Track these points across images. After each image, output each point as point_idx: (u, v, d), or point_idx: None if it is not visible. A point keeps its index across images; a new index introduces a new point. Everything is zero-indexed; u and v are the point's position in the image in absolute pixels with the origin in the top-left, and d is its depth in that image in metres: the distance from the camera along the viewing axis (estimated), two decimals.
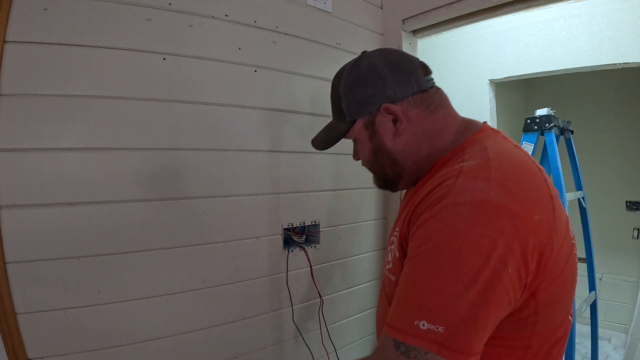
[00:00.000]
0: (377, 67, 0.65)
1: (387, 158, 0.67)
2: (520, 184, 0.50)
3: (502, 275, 0.44)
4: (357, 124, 0.68)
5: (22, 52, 0.81)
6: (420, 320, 0.44)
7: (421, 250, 0.49)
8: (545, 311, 0.51)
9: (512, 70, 2.29)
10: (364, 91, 0.66)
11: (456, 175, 0.52)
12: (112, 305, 0.92)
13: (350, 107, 0.68)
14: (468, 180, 0.50)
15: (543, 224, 0.48)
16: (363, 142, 0.70)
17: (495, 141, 0.59)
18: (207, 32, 1.04)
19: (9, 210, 0.81)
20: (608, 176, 2.85)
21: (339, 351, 1.35)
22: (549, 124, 1.84)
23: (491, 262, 0.44)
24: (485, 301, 0.44)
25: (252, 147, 1.13)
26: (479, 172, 0.51)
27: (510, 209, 0.47)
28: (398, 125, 0.64)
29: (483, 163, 0.52)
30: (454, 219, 0.48)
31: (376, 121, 0.66)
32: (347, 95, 0.68)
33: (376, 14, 1.48)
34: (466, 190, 0.49)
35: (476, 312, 0.44)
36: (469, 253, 0.45)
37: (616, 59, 1.89)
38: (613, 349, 2.59)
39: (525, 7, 1.19)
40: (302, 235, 1.26)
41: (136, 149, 0.94)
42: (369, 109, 0.66)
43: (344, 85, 0.68)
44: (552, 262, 0.49)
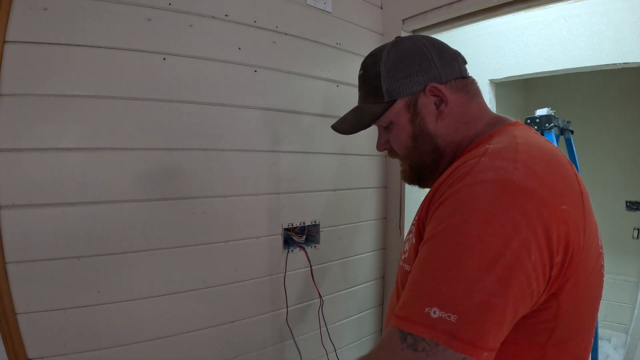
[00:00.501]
0: (421, 47, 0.61)
1: (428, 143, 0.62)
2: (549, 172, 0.46)
3: (525, 261, 0.40)
4: (397, 105, 0.62)
5: (22, 52, 0.81)
6: (431, 307, 0.40)
7: (437, 231, 0.45)
8: (566, 318, 0.47)
9: (512, 70, 2.29)
10: (408, 69, 0.60)
11: (480, 155, 0.48)
12: (112, 305, 0.92)
13: (391, 85, 0.61)
14: (493, 159, 0.46)
15: (571, 216, 0.44)
16: (401, 126, 0.63)
17: (526, 132, 0.55)
18: (207, 32, 1.04)
19: (9, 210, 0.81)
20: (608, 176, 2.84)
21: (339, 351, 1.35)
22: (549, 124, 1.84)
23: (513, 245, 0.40)
24: (505, 290, 0.40)
25: (252, 147, 1.13)
26: (505, 153, 0.47)
27: (536, 192, 0.43)
28: (442, 107, 0.60)
29: (510, 146, 0.48)
30: (474, 198, 0.44)
31: (419, 102, 0.61)
32: (389, 73, 0.61)
33: (376, 14, 1.48)
34: (489, 169, 0.45)
35: (494, 301, 0.39)
36: (488, 235, 0.41)
37: (616, 59, 1.89)
38: (613, 349, 2.59)
39: (525, 7, 1.19)
40: (302, 235, 1.26)
41: (136, 149, 0.94)
42: (413, 88, 0.61)
43: (385, 62, 0.62)
44: (581, 259, 0.45)
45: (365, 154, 1.44)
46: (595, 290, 0.51)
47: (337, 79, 1.34)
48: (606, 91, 2.85)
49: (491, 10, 1.24)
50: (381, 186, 1.53)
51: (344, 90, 1.35)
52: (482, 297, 0.39)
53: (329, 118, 1.30)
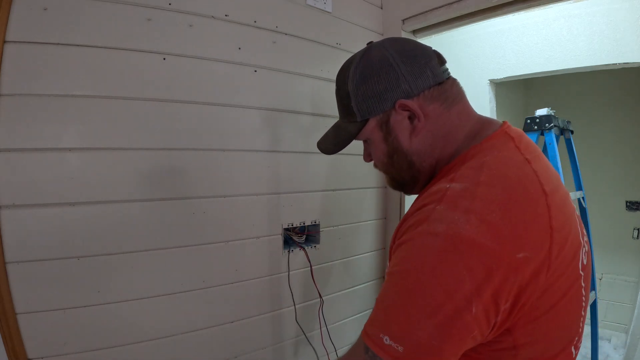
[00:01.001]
0: (388, 59, 0.57)
1: (403, 160, 0.61)
2: (507, 217, 0.45)
3: (464, 314, 0.43)
4: (370, 124, 0.61)
5: (22, 52, 0.81)
6: (384, 335, 0.46)
7: (395, 270, 0.49)
8: (527, 347, 0.49)
9: (512, 70, 2.29)
10: (375, 87, 0.58)
11: (438, 200, 0.49)
12: (112, 305, 0.93)
13: (361, 105, 0.60)
14: (447, 209, 0.47)
15: (528, 262, 0.44)
16: (377, 144, 0.62)
17: (499, 155, 0.52)
18: (207, 32, 1.03)
19: (9, 210, 0.81)
20: (608, 176, 2.85)
21: (339, 351, 1.35)
22: (549, 124, 1.84)
23: (454, 300, 0.43)
24: (443, 335, 0.43)
25: (252, 147, 1.13)
26: (460, 201, 0.47)
27: (486, 246, 0.43)
28: (415, 122, 0.58)
29: (469, 189, 0.48)
30: (425, 250, 0.46)
31: (391, 119, 0.59)
32: (357, 93, 0.60)
33: (376, 14, 1.48)
34: (442, 221, 0.46)
35: (433, 343, 0.43)
36: (433, 286, 0.44)
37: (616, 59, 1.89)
38: (613, 349, 2.59)
39: (525, 7, 1.19)
40: (302, 235, 1.26)
41: (136, 149, 0.94)
42: (383, 106, 0.58)
43: (352, 80, 0.60)
44: (535, 301, 0.46)
45: None
46: (564, 313, 0.51)
47: None
48: (606, 91, 2.85)
49: (491, 10, 1.24)
50: (381, 186, 1.53)
51: None
52: (423, 337, 0.44)
53: (329, 118, 1.30)
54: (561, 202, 0.51)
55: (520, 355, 0.49)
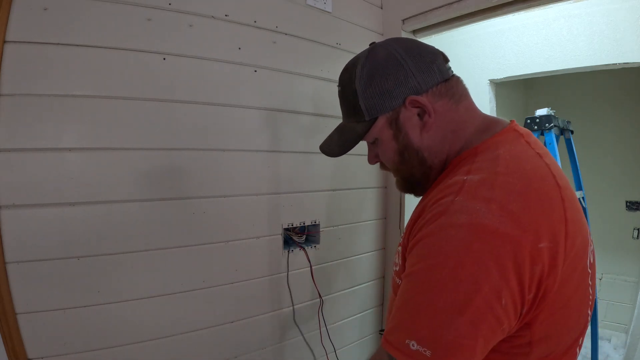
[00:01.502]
0: (395, 56, 0.57)
1: (414, 157, 0.60)
2: (527, 207, 0.45)
3: (495, 306, 0.42)
4: (379, 122, 0.60)
5: (22, 52, 0.81)
6: (410, 340, 0.44)
7: (415, 270, 0.47)
8: (541, 342, 0.48)
9: (512, 70, 2.29)
10: (384, 84, 0.57)
11: (457, 191, 0.48)
12: (112, 305, 0.92)
13: (369, 103, 0.59)
14: (467, 200, 0.46)
15: (547, 252, 0.44)
16: (386, 142, 0.61)
17: (512, 148, 0.52)
18: (207, 32, 1.03)
19: (9, 210, 0.81)
20: (608, 176, 2.85)
21: (339, 351, 1.35)
22: (549, 124, 1.84)
23: (483, 291, 0.42)
24: (475, 331, 0.42)
25: (252, 147, 1.13)
26: (480, 191, 0.46)
27: (509, 235, 0.43)
28: (425, 118, 0.57)
29: (487, 179, 0.47)
30: (447, 242, 0.45)
31: (401, 116, 0.58)
32: (366, 90, 0.59)
33: (376, 14, 1.48)
34: (463, 211, 0.45)
35: (464, 342, 0.42)
36: (460, 280, 0.43)
37: (616, 59, 1.89)
38: (613, 349, 2.59)
39: (525, 7, 1.19)
40: (302, 235, 1.26)
41: (136, 149, 0.94)
42: (392, 103, 0.58)
43: (360, 79, 0.59)
44: (554, 293, 0.45)
45: (365, 154, 1.44)
46: (576, 310, 0.51)
47: (337, 79, 1.33)
48: (606, 91, 2.85)
49: (491, 10, 1.24)
50: (381, 186, 1.53)
51: None
52: (452, 337, 0.42)
53: (329, 118, 1.30)
54: (572, 197, 0.51)
55: (534, 352, 0.48)
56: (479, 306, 0.42)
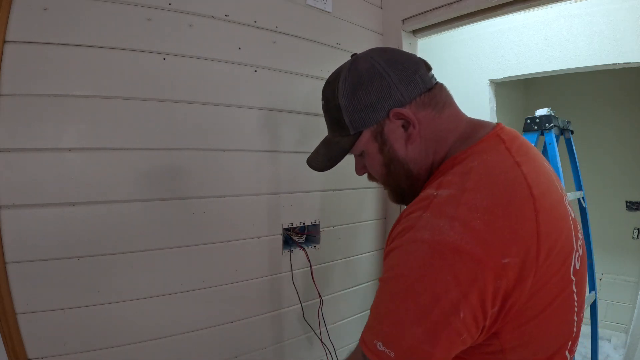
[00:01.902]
0: (377, 68, 0.57)
1: (401, 169, 0.60)
2: (491, 223, 0.45)
3: (452, 319, 0.44)
4: (364, 136, 0.60)
5: (22, 52, 0.81)
6: (378, 341, 0.47)
7: (385, 277, 0.51)
8: (515, 350, 0.49)
9: (512, 70, 2.30)
10: (367, 97, 0.57)
11: (425, 207, 0.50)
12: (112, 305, 0.92)
13: (353, 118, 0.59)
14: (433, 217, 0.48)
15: (513, 267, 0.44)
16: (372, 155, 0.62)
17: (489, 159, 0.52)
18: (207, 32, 1.03)
19: (9, 210, 0.81)
20: (608, 176, 2.85)
21: (339, 351, 1.35)
22: (549, 124, 1.84)
23: (441, 305, 0.44)
24: (433, 340, 0.44)
25: (252, 147, 1.13)
26: (445, 208, 0.48)
27: (470, 252, 0.44)
28: (410, 129, 0.57)
29: (454, 195, 0.48)
30: (411, 256, 0.48)
31: (385, 129, 0.58)
32: (349, 105, 0.59)
33: (376, 14, 1.48)
34: (427, 228, 0.47)
35: (422, 347, 0.45)
36: (420, 292, 0.45)
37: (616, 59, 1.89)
38: (613, 349, 2.59)
39: (525, 7, 1.19)
40: (302, 235, 1.26)
41: (136, 149, 0.94)
42: (376, 116, 0.58)
43: (343, 93, 0.59)
44: (522, 305, 0.46)
45: None
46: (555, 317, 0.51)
47: None
48: (606, 91, 2.85)
49: (491, 10, 1.24)
50: (381, 186, 1.53)
51: None
52: (412, 343, 0.45)
53: None
54: (551, 206, 0.51)
55: (508, 359, 0.50)
56: (436, 318, 0.44)
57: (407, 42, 1.47)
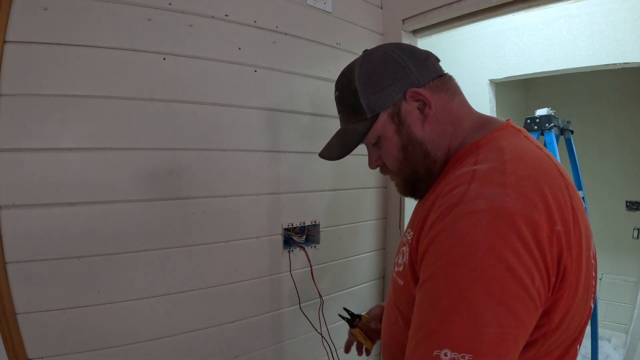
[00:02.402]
0: (391, 54, 0.59)
1: (418, 150, 0.59)
2: (540, 192, 0.44)
3: (530, 289, 0.40)
4: (381, 118, 0.60)
5: (22, 52, 0.81)
6: (441, 350, 0.39)
7: (437, 268, 0.44)
8: (554, 334, 0.46)
9: (512, 70, 2.30)
10: (384, 80, 0.58)
11: (468, 180, 0.46)
12: (112, 305, 0.92)
13: (370, 100, 0.59)
14: (482, 186, 0.45)
15: (563, 235, 0.43)
16: (389, 138, 0.61)
17: (514, 141, 0.52)
18: (207, 32, 1.03)
19: (9, 210, 0.81)
20: (608, 176, 2.85)
21: (339, 351, 1.35)
22: (549, 124, 1.84)
23: (518, 274, 0.39)
24: (516, 319, 0.39)
25: (252, 147, 1.13)
26: (493, 177, 0.45)
27: (530, 217, 0.42)
28: (426, 110, 0.58)
29: (498, 167, 0.47)
30: (471, 229, 0.42)
31: (402, 110, 0.59)
32: (366, 88, 0.59)
33: (376, 14, 1.48)
34: (480, 198, 0.43)
35: (506, 332, 0.39)
36: (493, 266, 0.40)
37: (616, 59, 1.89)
38: (613, 349, 2.59)
39: (525, 7, 1.19)
40: (302, 235, 1.26)
41: (136, 149, 0.94)
42: (393, 98, 0.58)
43: (359, 78, 0.60)
44: (571, 277, 0.44)
45: (365, 154, 1.44)
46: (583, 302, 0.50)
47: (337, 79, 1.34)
48: (606, 91, 2.85)
49: (491, 10, 1.24)
50: (381, 186, 1.53)
51: None
52: (495, 330, 0.38)
53: (329, 118, 1.30)
54: (574, 186, 0.51)
55: (545, 344, 0.47)
56: (516, 291, 0.39)
57: (407, 42, 1.47)
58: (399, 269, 0.59)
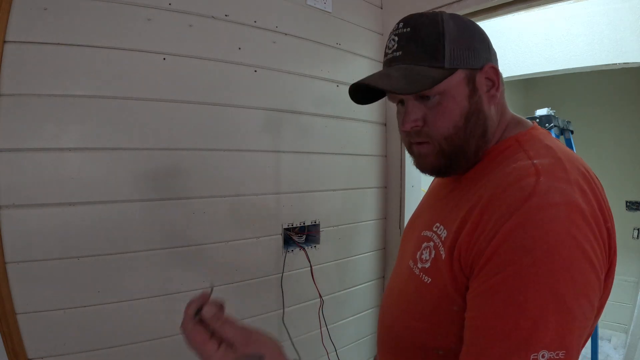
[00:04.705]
0: (479, 28, 0.58)
1: (481, 125, 0.56)
2: (593, 190, 0.46)
3: (601, 279, 0.42)
4: (457, 76, 0.54)
5: (22, 52, 0.81)
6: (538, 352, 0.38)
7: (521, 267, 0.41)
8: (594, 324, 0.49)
9: (513, 70, 2.29)
10: (472, 41, 0.55)
11: (535, 173, 0.45)
12: (112, 305, 0.92)
13: (456, 51, 0.54)
14: (552, 180, 0.44)
15: (613, 232, 0.46)
16: (458, 100, 0.54)
17: (555, 141, 0.54)
18: (207, 32, 1.03)
19: (9, 210, 0.81)
20: (608, 176, 2.84)
21: (339, 351, 1.35)
22: (549, 124, 1.85)
23: (595, 266, 0.41)
24: (592, 309, 0.41)
25: (252, 147, 1.13)
26: (558, 173, 0.45)
27: (594, 213, 0.43)
28: (492, 92, 0.56)
29: (558, 164, 0.47)
30: (554, 222, 0.41)
31: (477, 79, 0.55)
32: (456, 36, 0.54)
33: (376, 14, 1.48)
34: (553, 191, 0.43)
35: (587, 323, 0.40)
36: (578, 259, 0.40)
37: (616, 59, 1.89)
38: (613, 349, 2.59)
39: (525, 7, 1.19)
40: (302, 235, 1.26)
41: (136, 149, 0.94)
42: (474, 62, 0.55)
43: (448, 25, 0.54)
44: (612, 273, 0.47)
45: (365, 154, 1.44)
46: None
47: (337, 79, 1.34)
48: (606, 91, 2.85)
49: (491, 10, 1.24)
50: (381, 186, 1.53)
51: (343, 90, 1.35)
52: (580, 322, 0.40)
53: (329, 118, 1.30)
54: None
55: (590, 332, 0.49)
56: (594, 283, 0.41)
57: None
58: (424, 266, 0.55)
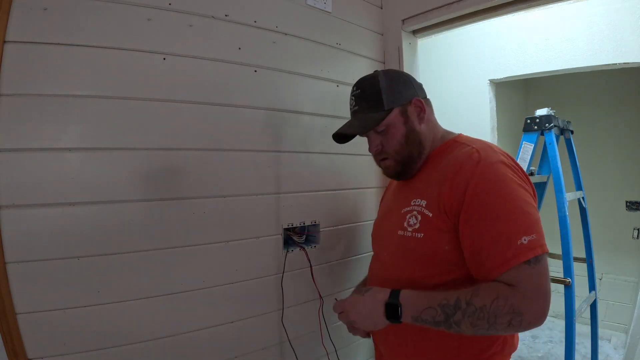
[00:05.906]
0: (403, 75, 0.92)
1: (416, 139, 0.87)
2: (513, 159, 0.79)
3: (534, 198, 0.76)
4: (394, 112, 0.86)
5: (22, 52, 0.81)
6: (520, 239, 0.65)
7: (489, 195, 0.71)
8: None
9: (512, 70, 2.30)
10: (399, 88, 0.88)
11: (476, 151, 0.77)
12: (112, 305, 0.92)
13: (389, 98, 0.86)
14: (489, 152, 0.76)
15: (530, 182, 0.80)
16: (397, 127, 0.87)
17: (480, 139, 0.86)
18: (207, 32, 1.04)
19: (9, 210, 0.81)
20: (608, 176, 2.85)
21: (339, 351, 1.35)
22: (549, 124, 1.85)
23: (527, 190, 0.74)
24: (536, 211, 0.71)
25: (252, 147, 1.13)
26: (488, 149, 0.78)
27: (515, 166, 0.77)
28: (421, 115, 0.89)
29: (487, 146, 0.79)
30: (499, 170, 0.73)
31: (408, 110, 0.87)
32: (388, 89, 0.87)
33: (376, 14, 1.48)
34: (494, 156, 0.75)
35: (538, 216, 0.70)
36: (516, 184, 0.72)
37: (616, 59, 1.89)
38: (613, 349, 2.59)
39: (525, 7, 1.19)
40: (302, 235, 1.26)
41: (136, 149, 0.94)
42: (404, 99, 0.87)
43: (383, 81, 0.87)
44: None
45: (364, 154, 1.44)
46: None
47: (337, 79, 1.34)
48: (606, 91, 2.85)
49: (491, 10, 1.24)
50: (381, 186, 1.53)
51: (344, 90, 1.35)
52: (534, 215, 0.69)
53: (329, 118, 1.30)
54: None
55: None
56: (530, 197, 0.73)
57: (407, 42, 1.47)
58: (414, 227, 0.81)
